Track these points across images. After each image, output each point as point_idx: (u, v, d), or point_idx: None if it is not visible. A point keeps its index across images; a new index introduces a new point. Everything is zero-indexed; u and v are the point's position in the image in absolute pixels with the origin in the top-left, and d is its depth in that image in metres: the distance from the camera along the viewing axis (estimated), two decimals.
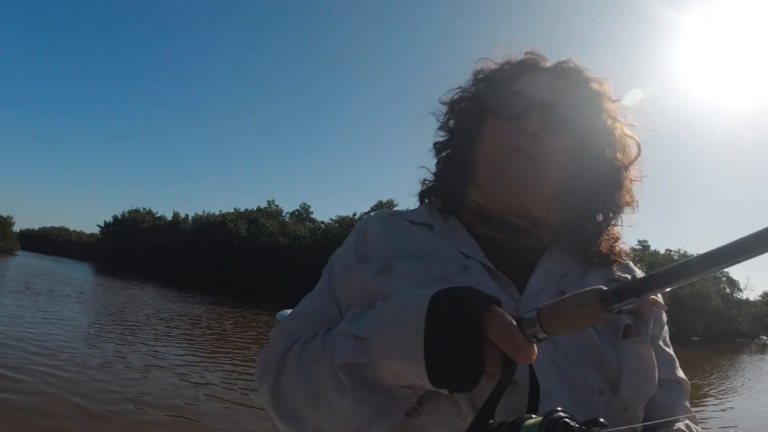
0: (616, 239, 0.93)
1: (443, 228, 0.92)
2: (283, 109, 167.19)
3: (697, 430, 0.82)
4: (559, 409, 0.53)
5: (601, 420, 0.52)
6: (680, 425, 0.80)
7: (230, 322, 17.81)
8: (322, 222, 45.90)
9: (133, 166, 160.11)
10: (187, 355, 10.32)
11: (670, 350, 0.90)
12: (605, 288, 0.56)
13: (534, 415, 0.55)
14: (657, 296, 0.88)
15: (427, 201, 1.01)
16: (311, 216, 49.62)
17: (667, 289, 0.55)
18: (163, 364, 9.06)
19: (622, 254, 0.93)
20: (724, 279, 44.63)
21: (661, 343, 0.88)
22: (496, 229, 0.90)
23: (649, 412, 0.81)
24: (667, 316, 0.93)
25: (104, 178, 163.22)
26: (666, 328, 0.92)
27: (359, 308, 0.79)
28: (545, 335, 0.59)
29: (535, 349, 0.59)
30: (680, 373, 0.89)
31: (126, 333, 12.11)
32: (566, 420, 0.51)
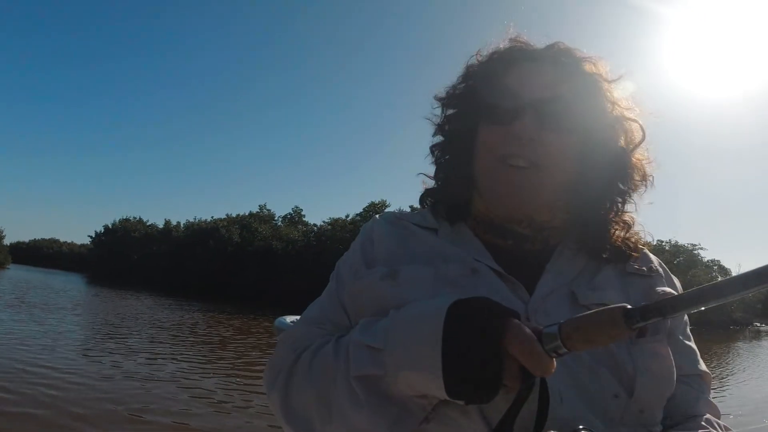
0: (629, 227, 0.89)
1: (450, 232, 0.90)
2: (273, 114, 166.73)
3: (718, 424, 0.80)
4: (582, 427, 0.54)
5: None
6: (701, 419, 0.78)
7: (228, 328, 17.63)
8: (315, 225, 45.93)
9: (122, 175, 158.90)
10: (188, 364, 10.17)
11: (691, 342, 0.87)
12: (630, 306, 0.56)
13: None
14: (674, 289, 0.87)
15: (429, 204, 0.98)
16: (304, 219, 49.65)
17: (694, 311, 0.53)
18: (164, 375, 8.91)
19: (639, 243, 0.89)
20: (715, 267, 45.09)
21: (680, 336, 0.85)
22: (500, 237, 0.87)
23: (669, 409, 0.78)
24: None
25: (94, 188, 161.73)
26: (686, 320, 0.88)
27: (371, 317, 0.77)
28: (566, 350, 0.58)
29: (555, 363, 0.59)
30: (702, 366, 0.86)
31: (124, 344, 11.93)
32: None
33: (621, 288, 0.83)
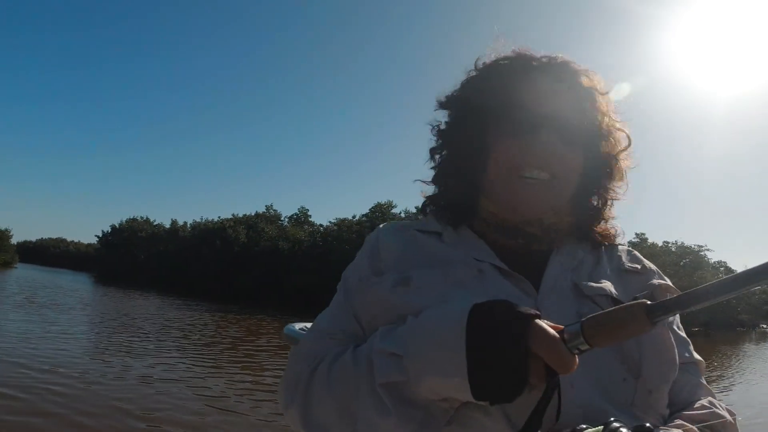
0: (608, 219, 0.97)
1: (453, 236, 0.93)
2: (279, 115, 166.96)
3: (720, 405, 0.82)
4: (613, 419, 0.57)
5: (647, 425, 0.57)
6: (704, 402, 0.82)
7: (238, 329, 17.60)
8: (321, 225, 45.93)
9: (129, 175, 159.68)
10: (198, 366, 10.09)
11: (683, 333, 0.91)
12: (650, 302, 0.58)
13: (586, 426, 0.59)
14: (669, 282, 0.92)
15: (430, 210, 1.01)
16: (310, 219, 49.66)
17: (709, 304, 0.55)
18: (174, 377, 8.84)
19: (616, 234, 0.97)
20: (722, 269, 44.74)
21: (674, 326, 0.89)
22: (510, 237, 0.90)
23: (671, 395, 0.82)
24: None
25: (100, 188, 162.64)
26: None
27: (385, 324, 0.79)
28: (588, 347, 0.60)
29: (577, 360, 0.60)
30: (696, 354, 0.90)
31: (134, 345, 11.92)
32: (623, 429, 0.56)
33: (617, 282, 0.88)
